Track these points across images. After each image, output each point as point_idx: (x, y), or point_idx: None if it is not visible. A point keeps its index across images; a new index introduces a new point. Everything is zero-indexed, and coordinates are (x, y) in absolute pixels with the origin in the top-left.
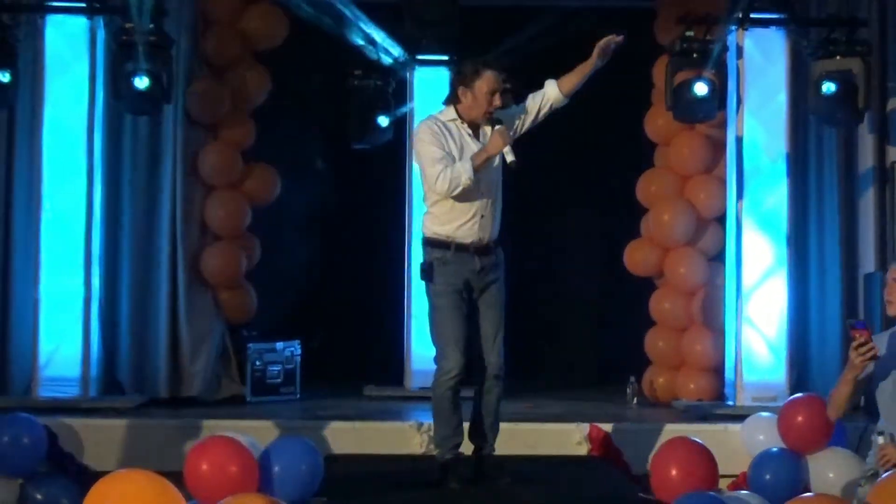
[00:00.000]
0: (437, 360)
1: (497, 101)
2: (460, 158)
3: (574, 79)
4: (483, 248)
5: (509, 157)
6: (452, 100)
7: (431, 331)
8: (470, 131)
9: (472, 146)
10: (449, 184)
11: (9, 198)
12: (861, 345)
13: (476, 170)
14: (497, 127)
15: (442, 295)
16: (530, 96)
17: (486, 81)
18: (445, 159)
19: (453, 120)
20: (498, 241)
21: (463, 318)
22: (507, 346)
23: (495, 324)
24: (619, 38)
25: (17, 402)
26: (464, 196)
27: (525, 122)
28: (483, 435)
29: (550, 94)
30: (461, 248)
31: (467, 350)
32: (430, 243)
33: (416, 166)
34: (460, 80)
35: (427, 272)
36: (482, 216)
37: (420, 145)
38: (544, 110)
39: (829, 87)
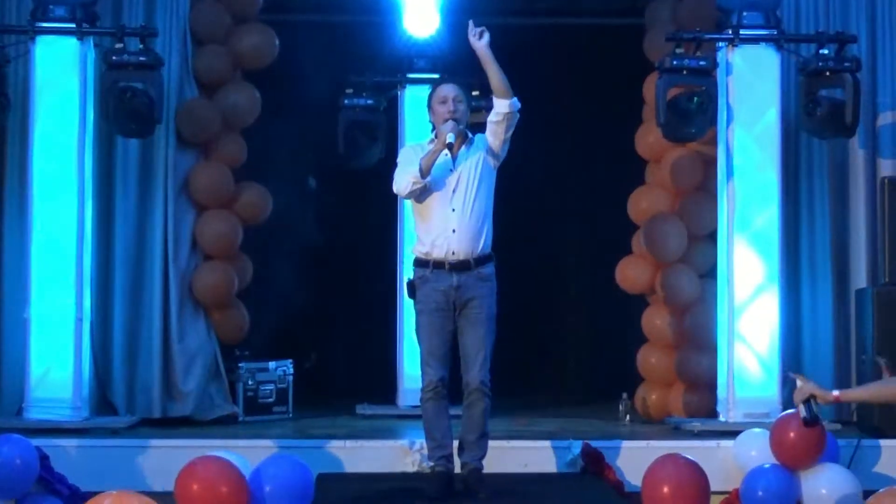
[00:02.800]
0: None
1: (449, 105)
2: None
3: (490, 79)
4: (459, 264)
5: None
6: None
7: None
8: (447, 151)
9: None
10: (395, 183)
11: None
12: None
13: (424, 168)
14: (446, 124)
15: (422, 312)
16: None
17: (436, 96)
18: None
19: (431, 142)
20: (483, 258)
21: (445, 334)
22: (498, 363)
23: (476, 342)
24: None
25: (7, 424)
26: (433, 212)
27: (496, 136)
28: (468, 451)
29: (494, 102)
30: (438, 265)
31: (449, 365)
32: (414, 262)
33: None
34: (427, 107)
35: (409, 290)
36: (454, 231)
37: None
38: (498, 118)
39: (818, 103)
